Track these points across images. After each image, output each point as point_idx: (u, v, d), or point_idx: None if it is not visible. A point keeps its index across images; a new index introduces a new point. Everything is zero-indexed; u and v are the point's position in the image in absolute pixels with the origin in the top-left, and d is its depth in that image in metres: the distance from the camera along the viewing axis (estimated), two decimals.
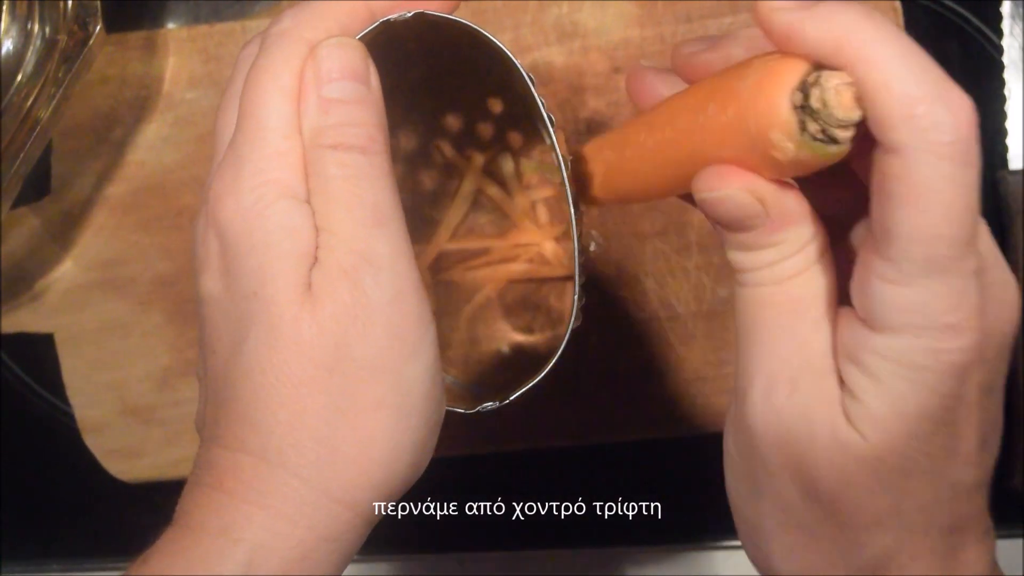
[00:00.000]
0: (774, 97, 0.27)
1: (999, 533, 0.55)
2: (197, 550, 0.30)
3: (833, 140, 0.27)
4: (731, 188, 0.30)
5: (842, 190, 0.31)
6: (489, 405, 0.38)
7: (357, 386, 0.31)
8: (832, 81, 0.27)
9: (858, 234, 0.32)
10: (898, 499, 0.29)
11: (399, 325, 0.32)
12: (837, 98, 0.27)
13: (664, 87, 0.35)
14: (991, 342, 0.29)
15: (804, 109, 0.27)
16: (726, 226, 0.31)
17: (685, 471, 0.55)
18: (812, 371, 0.30)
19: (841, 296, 0.30)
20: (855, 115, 0.27)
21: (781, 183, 0.30)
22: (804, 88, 0.27)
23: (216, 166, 0.33)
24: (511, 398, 0.38)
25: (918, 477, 0.29)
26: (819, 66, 0.27)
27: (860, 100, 0.27)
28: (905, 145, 0.26)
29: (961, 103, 0.26)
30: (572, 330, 0.37)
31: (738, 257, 0.31)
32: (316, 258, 0.32)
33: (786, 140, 0.27)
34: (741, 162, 0.29)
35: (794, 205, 0.30)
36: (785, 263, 0.30)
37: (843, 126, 0.27)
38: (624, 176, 0.36)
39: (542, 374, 0.38)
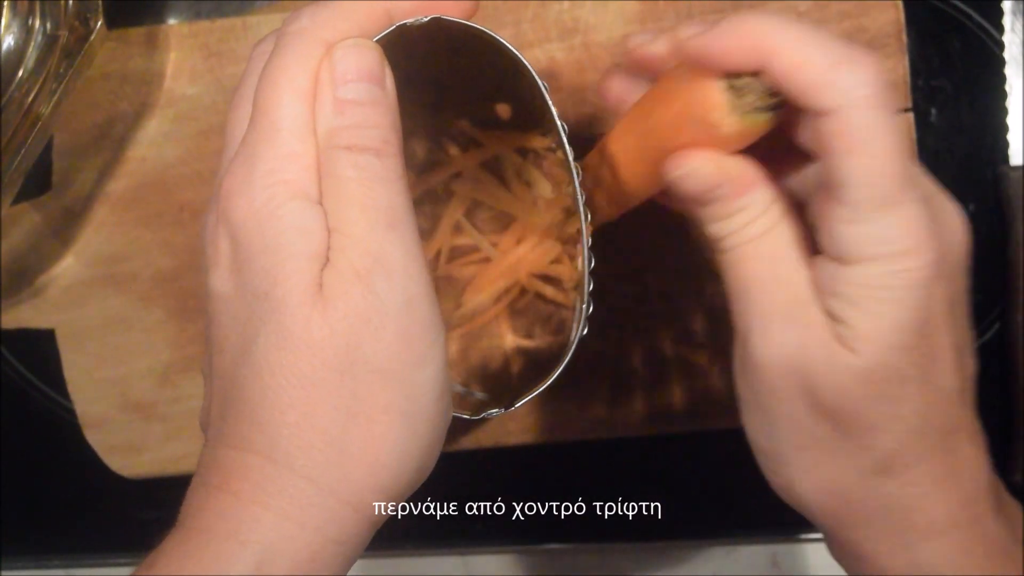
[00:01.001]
0: (706, 86, 0.32)
1: None
2: (205, 553, 0.30)
3: (767, 107, 0.32)
4: (695, 162, 0.34)
5: (791, 157, 0.35)
6: (493, 412, 0.38)
7: (367, 389, 0.31)
8: (745, 82, 0.32)
9: (808, 192, 0.36)
10: (894, 405, 0.33)
11: (410, 329, 0.32)
12: (755, 93, 0.32)
13: (634, 88, 0.39)
14: (947, 259, 0.33)
15: (734, 89, 0.32)
16: (697, 200, 0.35)
17: (687, 467, 0.55)
18: (800, 304, 0.34)
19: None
20: (772, 100, 0.32)
21: (736, 155, 0.34)
22: (730, 88, 0.32)
23: (227, 163, 0.33)
24: (516, 405, 0.38)
25: (909, 383, 0.33)
26: None
27: (769, 95, 0.32)
28: (835, 105, 0.30)
29: (868, 59, 0.31)
30: (579, 337, 0.37)
31: (715, 228, 0.35)
32: (328, 259, 0.31)
33: (727, 116, 0.32)
34: (697, 145, 0.34)
35: (751, 171, 0.35)
36: (756, 223, 0.35)
37: (771, 93, 0.32)
38: (617, 183, 0.39)
39: (547, 382, 0.38)
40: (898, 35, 0.49)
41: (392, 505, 0.33)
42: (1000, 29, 0.53)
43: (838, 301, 0.33)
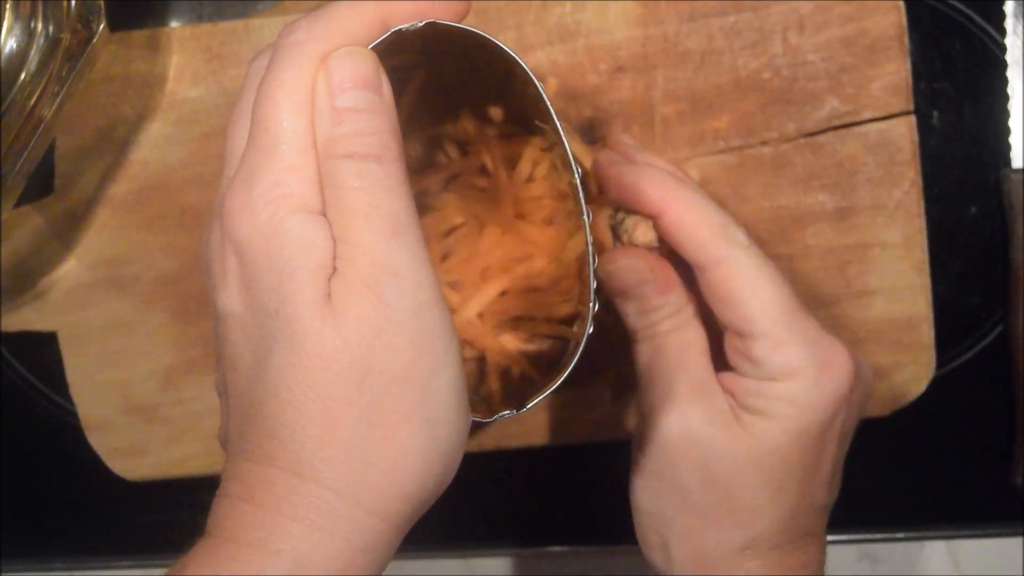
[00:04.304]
0: (600, 217, 0.44)
1: (999, 531, 0.55)
2: (237, 560, 0.30)
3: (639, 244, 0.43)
4: (629, 258, 0.42)
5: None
6: (506, 413, 0.38)
7: (385, 399, 0.31)
8: (628, 222, 0.43)
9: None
10: (775, 494, 0.39)
11: (423, 336, 0.31)
12: (634, 234, 0.43)
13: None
14: (856, 392, 0.40)
15: (615, 227, 0.43)
16: (625, 292, 0.43)
17: None
18: (704, 390, 0.41)
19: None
20: (645, 242, 0.43)
21: (661, 261, 0.43)
22: (615, 223, 0.43)
23: (228, 181, 0.33)
24: (528, 406, 0.38)
25: (792, 480, 0.40)
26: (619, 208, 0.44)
27: (652, 236, 0.42)
28: (725, 254, 0.40)
29: (738, 226, 0.41)
30: (588, 336, 0.38)
31: (636, 322, 0.43)
32: (335, 268, 0.31)
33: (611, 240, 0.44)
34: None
35: (673, 275, 0.42)
36: (672, 319, 0.42)
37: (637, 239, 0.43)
38: None
39: (559, 381, 0.38)
40: (900, 38, 0.49)
41: (418, 513, 0.33)
42: (1002, 32, 0.53)
43: (757, 401, 0.40)
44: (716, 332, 0.43)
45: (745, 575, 0.40)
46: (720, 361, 0.42)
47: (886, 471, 0.55)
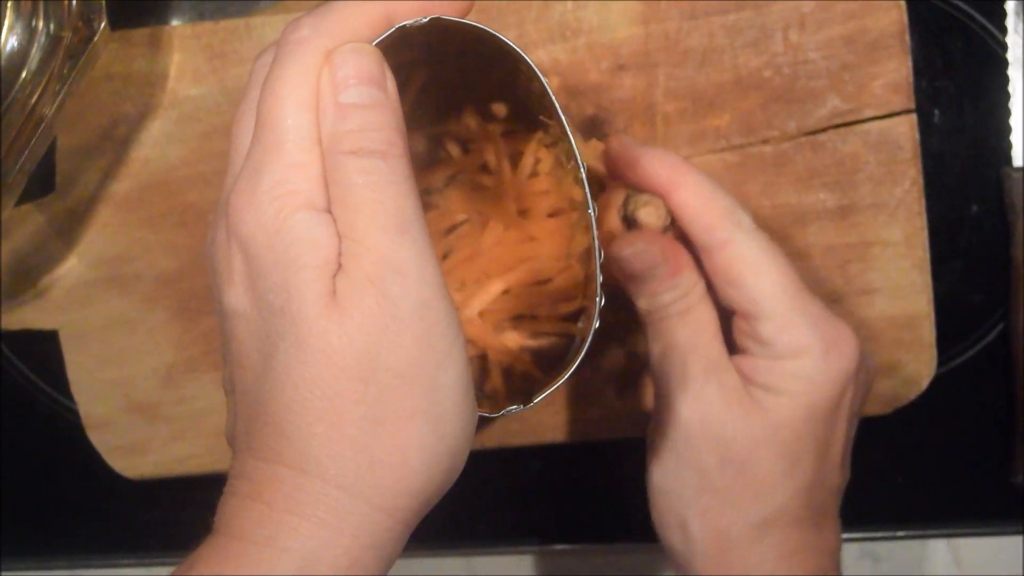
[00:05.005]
0: (611, 209, 0.45)
1: (1001, 530, 0.56)
2: (246, 559, 0.30)
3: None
4: (641, 244, 0.43)
5: None
6: (512, 409, 0.38)
7: (391, 395, 0.31)
8: (638, 202, 0.44)
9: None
10: (790, 468, 0.41)
11: (429, 332, 0.31)
12: (645, 213, 0.43)
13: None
14: (861, 373, 0.42)
15: (626, 219, 0.44)
16: (637, 276, 0.43)
17: None
18: (718, 368, 0.42)
19: None
20: (658, 224, 0.43)
21: (672, 242, 0.43)
22: (627, 206, 0.44)
23: (233, 179, 0.33)
24: (535, 401, 0.38)
25: (806, 455, 0.41)
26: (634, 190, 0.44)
27: (663, 215, 0.43)
28: (730, 236, 0.41)
29: (745, 211, 0.43)
30: (594, 331, 0.38)
31: (648, 305, 0.44)
32: (340, 266, 0.31)
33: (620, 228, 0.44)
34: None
35: (684, 256, 0.43)
36: (684, 299, 0.43)
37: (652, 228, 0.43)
38: None
39: (564, 377, 0.38)
40: (901, 36, 0.49)
41: (425, 509, 0.33)
42: (1003, 30, 0.53)
43: (768, 377, 0.41)
44: (726, 314, 0.44)
45: (764, 550, 0.41)
46: (730, 344, 0.43)
47: (887, 469, 0.55)
